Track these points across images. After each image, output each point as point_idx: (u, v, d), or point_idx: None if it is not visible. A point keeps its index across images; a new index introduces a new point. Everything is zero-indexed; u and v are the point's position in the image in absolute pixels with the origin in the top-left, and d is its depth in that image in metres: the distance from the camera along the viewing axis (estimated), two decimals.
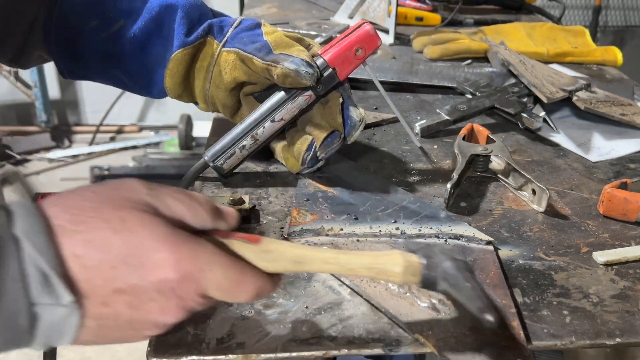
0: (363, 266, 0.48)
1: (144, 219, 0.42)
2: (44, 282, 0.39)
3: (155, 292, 0.42)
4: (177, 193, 0.46)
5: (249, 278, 0.45)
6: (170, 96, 0.77)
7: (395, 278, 0.48)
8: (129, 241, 0.41)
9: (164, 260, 0.42)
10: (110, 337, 0.44)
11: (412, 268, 0.48)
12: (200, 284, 0.43)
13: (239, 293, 0.45)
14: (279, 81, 0.69)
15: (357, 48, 0.71)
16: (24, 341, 0.40)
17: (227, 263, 0.44)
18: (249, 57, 0.71)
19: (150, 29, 0.73)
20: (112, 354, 1.94)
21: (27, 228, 0.39)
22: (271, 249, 0.47)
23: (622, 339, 0.54)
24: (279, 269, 0.47)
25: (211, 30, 0.75)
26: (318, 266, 0.48)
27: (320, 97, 0.72)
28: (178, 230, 0.43)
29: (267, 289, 0.47)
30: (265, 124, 0.72)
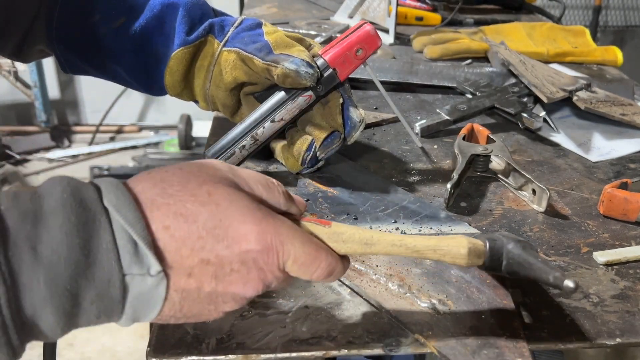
0: (429, 248, 0.49)
1: (229, 192, 0.44)
2: (135, 252, 0.40)
3: (239, 262, 0.43)
4: (255, 174, 0.48)
5: (324, 255, 0.46)
6: (170, 94, 0.77)
7: (460, 260, 0.49)
8: (215, 213, 0.43)
9: (249, 232, 0.43)
10: (191, 312, 0.44)
11: (477, 250, 0.50)
12: (281, 257, 0.45)
13: (314, 269, 0.46)
14: (279, 81, 0.69)
15: (357, 48, 0.71)
16: (115, 312, 0.41)
17: (305, 238, 0.46)
18: (250, 57, 0.71)
19: (151, 26, 0.73)
20: (112, 354, 1.94)
21: (116, 201, 0.40)
22: (342, 231, 0.49)
23: (622, 339, 0.54)
24: (349, 250, 0.49)
25: (212, 29, 0.75)
26: (385, 248, 0.49)
27: (320, 98, 0.72)
28: (260, 206, 0.45)
29: (338, 269, 0.48)
30: (265, 124, 0.72)
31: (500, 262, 0.51)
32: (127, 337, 2.01)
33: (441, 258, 0.50)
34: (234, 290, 0.44)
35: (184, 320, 0.45)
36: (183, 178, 0.44)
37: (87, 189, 0.40)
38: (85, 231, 0.39)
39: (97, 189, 0.41)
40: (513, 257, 0.50)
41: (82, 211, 0.39)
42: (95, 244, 0.39)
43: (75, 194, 0.39)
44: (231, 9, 2.62)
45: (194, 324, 0.53)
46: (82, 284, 0.38)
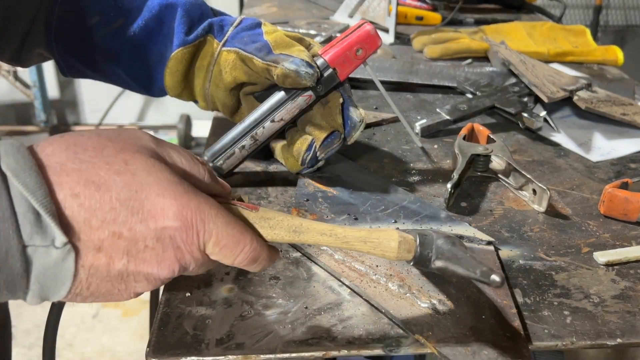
0: (359, 239, 0.48)
1: (149, 163, 0.41)
2: (36, 221, 0.37)
3: (154, 239, 0.41)
4: (180, 148, 0.45)
5: (248, 239, 0.44)
6: (170, 95, 0.77)
7: (390, 253, 0.48)
8: (131, 183, 0.40)
9: (167, 207, 0.40)
10: (99, 291, 0.41)
11: (407, 244, 0.49)
12: (201, 236, 0.42)
13: (237, 252, 0.44)
14: (279, 81, 0.69)
15: (357, 48, 0.71)
16: (19, 287, 0.38)
17: (229, 219, 0.43)
18: (249, 57, 0.71)
19: (150, 27, 0.73)
20: (112, 354, 1.94)
21: (15, 165, 0.37)
22: (270, 216, 0.47)
23: (623, 340, 0.54)
24: (277, 237, 0.47)
25: (211, 29, 0.74)
26: (314, 237, 0.48)
27: (320, 97, 0.72)
28: (183, 180, 0.42)
29: (264, 256, 0.46)
30: (265, 124, 0.72)
31: (429, 258, 0.50)
32: (126, 337, 2.01)
33: (371, 251, 0.48)
34: (147, 269, 0.41)
35: (91, 299, 0.42)
36: (99, 144, 0.40)
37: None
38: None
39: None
40: (442, 252, 0.49)
41: None
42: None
43: None
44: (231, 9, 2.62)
45: (194, 324, 0.53)
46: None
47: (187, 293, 0.56)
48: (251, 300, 0.56)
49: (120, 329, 2.05)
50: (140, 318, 2.09)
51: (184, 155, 0.45)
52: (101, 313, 2.11)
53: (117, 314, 2.11)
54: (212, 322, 0.53)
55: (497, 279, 0.47)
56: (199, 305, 0.55)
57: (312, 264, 0.61)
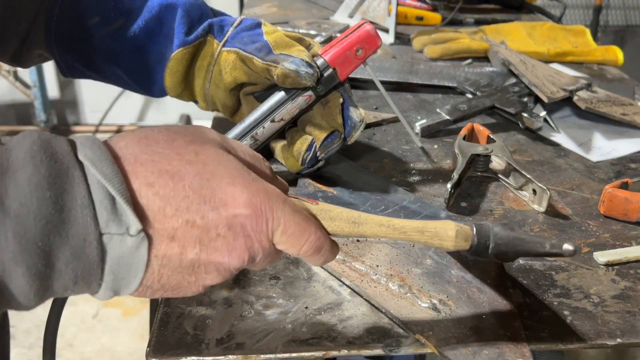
0: (416, 229, 0.49)
1: (218, 153, 0.42)
2: (112, 209, 0.37)
3: (226, 227, 0.41)
4: (243, 145, 0.46)
5: (313, 227, 0.45)
6: (171, 95, 0.77)
7: (448, 242, 0.49)
8: (202, 172, 0.40)
9: (238, 195, 0.41)
10: (169, 283, 0.41)
11: (464, 233, 0.49)
12: (270, 224, 0.42)
13: (303, 241, 0.44)
14: (279, 81, 0.69)
15: (357, 48, 0.71)
16: (94, 278, 0.38)
17: (295, 208, 0.44)
18: (249, 57, 0.71)
19: (150, 27, 0.73)
20: (112, 354, 1.94)
21: (92, 155, 0.38)
22: (330, 208, 0.48)
23: (623, 340, 0.54)
24: (337, 229, 0.47)
25: (211, 29, 0.74)
26: (373, 228, 0.48)
27: (320, 97, 0.72)
28: (250, 170, 0.43)
29: (327, 247, 0.46)
30: (265, 124, 0.72)
31: (487, 246, 0.50)
32: (127, 337, 2.01)
33: (429, 240, 0.49)
34: (219, 258, 0.41)
35: (160, 293, 0.42)
36: (169, 137, 0.41)
37: (60, 142, 0.38)
38: (57, 185, 0.36)
39: (71, 143, 0.38)
40: (501, 239, 0.50)
41: (53, 164, 0.36)
42: (68, 199, 0.36)
43: (46, 147, 0.37)
44: (231, 9, 2.62)
45: (194, 324, 0.53)
46: (56, 241, 0.35)
47: None
48: (251, 300, 0.56)
49: (120, 329, 2.05)
50: (140, 318, 2.09)
51: (247, 150, 0.46)
52: (101, 313, 2.11)
53: (117, 314, 2.11)
54: (212, 322, 0.53)
55: (570, 247, 0.47)
56: (199, 305, 0.55)
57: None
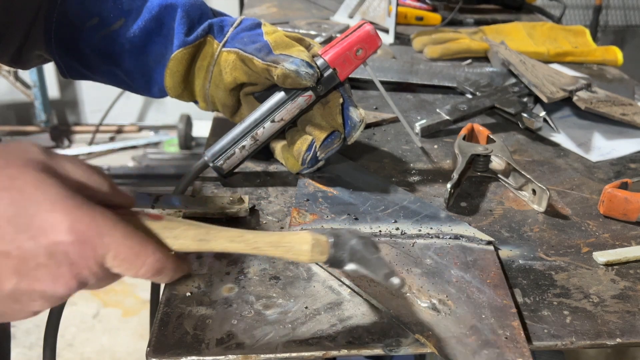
0: (270, 244, 0.48)
1: (37, 177, 0.39)
2: None
3: (46, 256, 0.39)
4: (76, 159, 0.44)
5: (150, 250, 0.42)
6: (171, 95, 0.77)
7: (303, 256, 0.48)
8: (17, 200, 0.38)
9: (58, 222, 0.39)
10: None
11: (320, 246, 0.48)
12: (98, 251, 0.40)
13: (139, 265, 0.42)
14: (279, 81, 0.69)
15: (357, 48, 0.71)
16: None
17: (128, 231, 0.41)
18: (249, 57, 0.71)
19: (150, 28, 0.73)
20: (111, 354, 1.94)
21: None
22: (174, 226, 0.45)
23: (622, 340, 0.54)
24: (182, 247, 0.46)
25: (211, 29, 0.75)
26: (223, 244, 0.47)
27: (320, 97, 0.72)
28: (76, 194, 0.40)
29: (169, 267, 0.44)
30: (265, 124, 0.72)
31: (343, 259, 0.49)
32: (126, 337, 2.01)
33: (284, 255, 0.48)
34: (42, 287, 0.39)
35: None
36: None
37: None
38: None
39: None
40: (355, 254, 0.49)
41: None
42: None
43: None
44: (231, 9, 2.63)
45: (194, 324, 0.53)
46: None
47: (188, 293, 0.57)
48: (251, 300, 0.56)
49: (120, 329, 2.05)
50: (140, 318, 2.09)
51: (80, 166, 0.43)
52: (101, 313, 2.11)
53: (117, 314, 2.11)
54: (212, 321, 0.53)
55: (396, 281, 0.47)
56: (199, 305, 0.55)
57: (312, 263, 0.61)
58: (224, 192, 0.73)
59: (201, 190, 0.74)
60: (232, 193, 0.71)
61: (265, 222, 0.67)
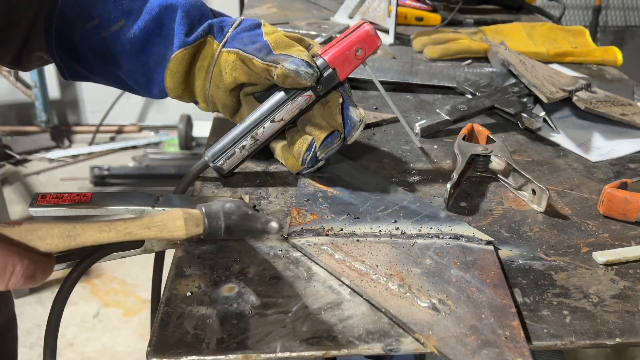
0: (142, 227, 0.48)
1: None
2: None
3: None
4: None
5: (16, 259, 0.42)
6: (171, 96, 0.78)
7: (178, 232, 0.48)
8: None
9: None
10: None
11: (194, 219, 0.49)
12: None
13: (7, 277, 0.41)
14: (278, 81, 0.69)
15: (357, 48, 0.71)
16: None
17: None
18: (249, 57, 0.71)
19: (150, 28, 0.73)
20: (112, 354, 1.94)
21: None
22: (36, 227, 0.44)
23: (622, 339, 0.54)
24: (51, 247, 0.45)
25: (211, 30, 0.75)
26: (93, 236, 0.46)
27: (320, 97, 0.72)
28: None
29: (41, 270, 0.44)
30: (265, 124, 0.72)
31: (219, 226, 0.50)
32: (127, 337, 2.01)
33: (159, 234, 0.48)
34: None
35: None
36: None
37: None
38: None
39: None
40: (230, 217, 0.50)
41: None
42: None
43: None
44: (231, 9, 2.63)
45: (195, 324, 0.53)
46: None
47: (188, 293, 0.57)
48: (251, 299, 0.56)
49: (120, 328, 2.05)
50: (140, 318, 2.09)
51: None
52: (102, 313, 2.11)
53: (117, 314, 2.11)
54: (212, 321, 0.53)
55: (274, 225, 0.49)
56: (199, 304, 0.55)
57: (312, 263, 0.61)
58: (224, 192, 0.73)
59: (201, 190, 0.74)
60: (232, 193, 0.71)
61: None
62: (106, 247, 0.65)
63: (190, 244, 0.63)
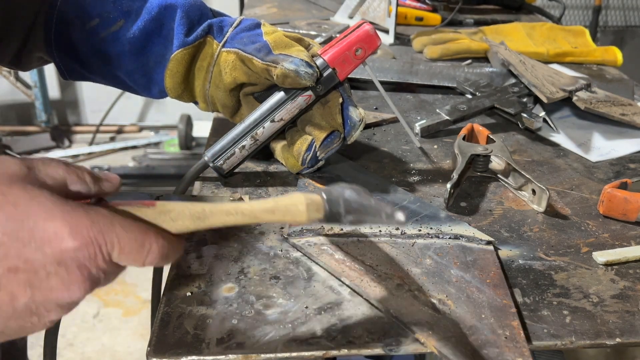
0: (266, 211, 0.48)
1: (27, 190, 0.39)
2: None
3: (55, 264, 0.39)
4: (51, 160, 0.44)
5: (153, 238, 0.43)
6: (171, 96, 0.78)
7: (300, 217, 0.49)
8: (14, 215, 0.38)
9: (60, 229, 0.39)
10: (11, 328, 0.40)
11: (315, 204, 0.49)
12: (103, 248, 0.41)
13: (144, 254, 0.43)
14: (278, 81, 0.69)
15: (356, 48, 0.71)
16: None
17: (127, 223, 0.42)
18: (249, 57, 0.71)
19: (150, 28, 0.73)
20: (112, 354, 1.94)
21: None
22: (169, 209, 0.46)
23: (622, 339, 0.54)
24: (182, 227, 0.46)
25: (211, 30, 0.75)
26: (221, 218, 0.47)
27: (320, 97, 0.72)
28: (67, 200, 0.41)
29: (173, 250, 0.45)
30: (265, 124, 0.72)
31: (340, 213, 0.50)
32: (127, 336, 2.01)
33: (281, 219, 0.49)
34: (57, 295, 0.40)
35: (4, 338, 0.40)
36: None
37: None
38: None
39: None
40: (350, 205, 0.50)
41: None
42: None
43: None
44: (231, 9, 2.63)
45: (195, 324, 0.53)
46: None
47: (188, 293, 0.57)
48: (251, 299, 0.56)
49: (120, 328, 2.05)
50: (140, 318, 2.09)
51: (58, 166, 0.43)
52: (102, 313, 2.11)
53: (117, 314, 2.11)
54: (212, 321, 0.53)
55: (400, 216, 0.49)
56: (199, 304, 0.55)
57: (312, 263, 0.61)
58: (224, 192, 0.73)
59: (201, 190, 0.74)
60: (232, 193, 0.71)
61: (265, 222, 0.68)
62: None
63: (190, 244, 0.63)
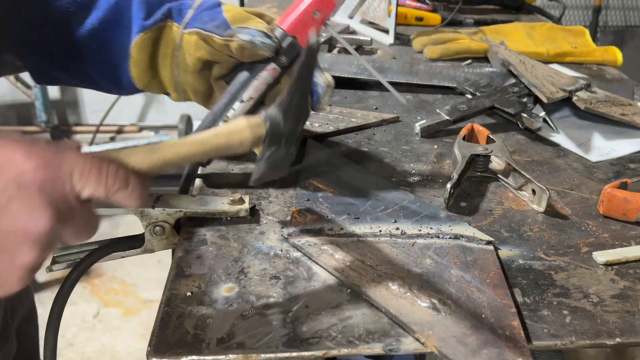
0: (213, 135, 0.54)
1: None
2: None
3: (15, 188, 0.39)
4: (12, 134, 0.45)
5: (109, 163, 0.44)
6: (139, 87, 0.75)
7: (245, 133, 0.55)
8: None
9: (15, 152, 0.40)
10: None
11: (255, 122, 0.57)
12: (64, 169, 0.41)
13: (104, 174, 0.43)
14: (237, 55, 0.68)
15: (314, 11, 0.70)
16: None
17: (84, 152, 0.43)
18: (209, 35, 0.69)
19: (110, 18, 0.71)
20: (112, 354, 1.94)
21: None
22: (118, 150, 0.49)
23: (622, 339, 0.54)
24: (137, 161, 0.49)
25: (170, 13, 0.73)
26: (172, 149, 0.52)
27: (286, 69, 0.71)
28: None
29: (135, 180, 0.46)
30: (234, 106, 0.70)
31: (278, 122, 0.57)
32: (127, 336, 2.01)
33: (229, 141, 0.54)
34: (22, 223, 0.39)
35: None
36: None
37: None
38: None
39: None
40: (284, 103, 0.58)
41: None
42: None
43: None
44: None
45: (195, 324, 0.53)
46: None
47: (188, 293, 0.57)
48: (251, 299, 0.56)
49: (120, 328, 2.05)
50: (140, 318, 2.09)
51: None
52: (102, 313, 2.11)
53: (117, 314, 2.11)
54: (212, 321, 0.53)
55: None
56: (199, 304, 0.55)
57: (312, 263, 0.61)
58: (224, 192, 0.73)
59: (201, 190, 0.74)
60: (232, 193, 0.71)
61: (265, 222, 0.68)
62: (106, 247, 0.65)
63: (190, 244, 0.63)
